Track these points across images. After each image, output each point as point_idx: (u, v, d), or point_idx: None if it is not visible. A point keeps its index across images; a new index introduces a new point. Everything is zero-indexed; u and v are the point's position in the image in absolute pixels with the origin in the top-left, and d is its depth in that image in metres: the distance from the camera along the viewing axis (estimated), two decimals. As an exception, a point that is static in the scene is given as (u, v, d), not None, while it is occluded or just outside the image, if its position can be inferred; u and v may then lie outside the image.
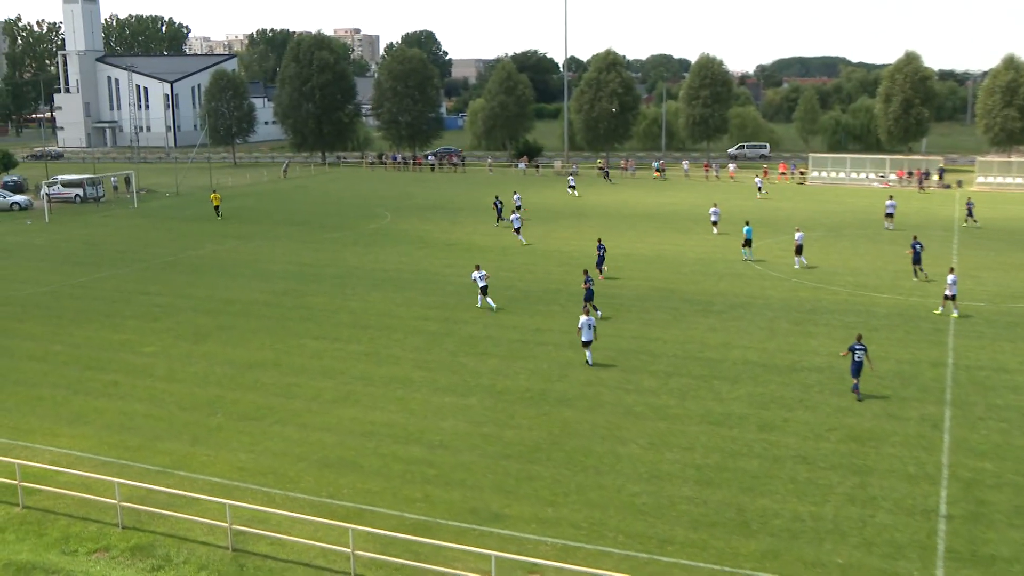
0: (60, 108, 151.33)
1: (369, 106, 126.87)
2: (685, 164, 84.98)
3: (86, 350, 27.84)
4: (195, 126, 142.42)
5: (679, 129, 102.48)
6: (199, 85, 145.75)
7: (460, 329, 29.72)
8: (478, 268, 33.19)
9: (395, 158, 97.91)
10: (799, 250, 38.84)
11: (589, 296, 30.32)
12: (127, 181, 76.02)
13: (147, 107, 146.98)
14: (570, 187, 68.94)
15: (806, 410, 22.33)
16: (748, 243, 40.30)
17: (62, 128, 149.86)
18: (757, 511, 17.27)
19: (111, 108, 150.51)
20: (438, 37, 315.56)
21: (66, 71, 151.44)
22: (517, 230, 46.37)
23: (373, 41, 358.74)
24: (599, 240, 39.35)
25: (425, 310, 32.43)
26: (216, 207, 60.18)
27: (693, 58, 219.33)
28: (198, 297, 34.96)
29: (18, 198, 65.95)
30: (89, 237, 51.07)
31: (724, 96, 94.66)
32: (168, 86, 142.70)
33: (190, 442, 20.72)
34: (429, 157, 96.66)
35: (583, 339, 25.54)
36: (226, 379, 25.01)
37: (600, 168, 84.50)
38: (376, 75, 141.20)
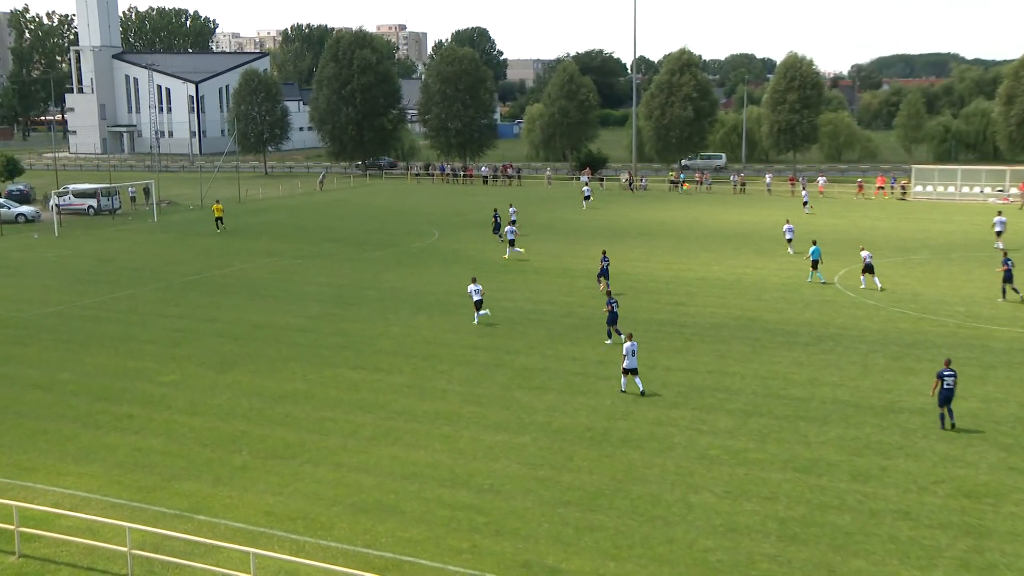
0: (72, 110, 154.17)
1: (415, 111, 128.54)
2: (768, 177, 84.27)
3: (97, 379, 28.45)
4: (222, 132, 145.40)
5: (761, 138, 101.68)
6: (227, 86, 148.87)
7: (513, 360, 29.85)
8: (474, 281, 35.49)
9: (443, 169, 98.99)
10: (869, 269, 39.93)
11: (612, 319, 31.28)
12: (146, 192, 77.89)
13: (169, 110, 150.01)
14: (585, 198, 72.06)
15: (907, 458, 21.86)
16: (815, 264, 41.47)
17: (74, 132, 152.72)
18: (850, 573, 16.93)
19: (129, 111, 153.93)
20: (492, 35, 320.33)
21: (79, 69, 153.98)
22: (511, 242, 48.68)
23: (420, 39, 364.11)
24: (603, 252, 41.49)
25: (475, 338, 32.64)
26: (218, 218, 61.26)
27: (779, 58, 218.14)
28: (224, 321, 35.66)
29: (25, 209, 67.80)
30: (103, 253, 52.49)
31: (814, 100, 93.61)
32: (193, 87, 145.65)
33: (211, 483, 20.96)
34: (483, 169, 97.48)
35: (625, 366, 26.17)
36: (253, 412, 25.45)
37: (626, 180, 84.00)
38: (423, 77, 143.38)
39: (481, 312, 34.57)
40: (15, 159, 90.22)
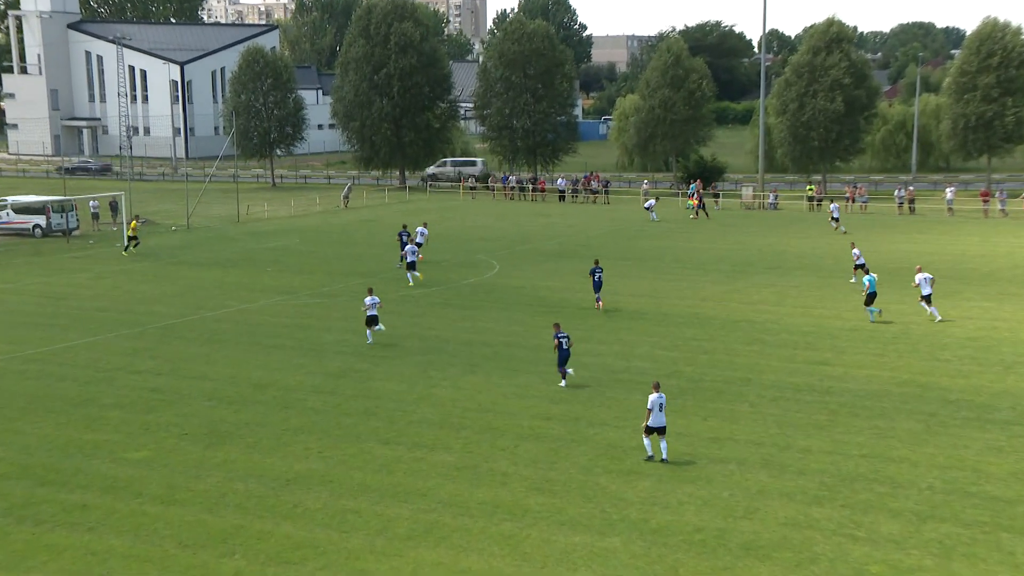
0: (12, 96, 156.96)
1: (470, 104, 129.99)
2: (949, 192, 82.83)
3: (40, 456, 28.69)
4: (216, 129, 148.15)
5: (940, 138, 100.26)
6: (222, 69, 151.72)
7: (598, 434, 29.71)
8: (371, 292, 40.95)
9: (506, 181, 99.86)
10: (926, 299, 43.26)
11: (563, 359, 34.52)
12: (113, 207, 79.36)
13: (145, 99, 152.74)
14: (647, 208, 78.39)
15: None
16: (871, 298, 43.83)
17: (14, 126, 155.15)
18: None
19: (91, 99, 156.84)
20: (573, 4, 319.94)
21: (21, 41, 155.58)
22: (411, 265, 52.76)
23: (477, 9, 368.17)
24: (596, 262, 46.89)
25: (547, 404, 32.58)
26: (131, 238, 63.06)
27: (969, 27, 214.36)
28: (215, 378, 36.06)
29: None
30: (53, 288, 53.55)
31: (1021, 84, 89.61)
32: (176, 69, 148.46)
33: (197, 592, 21.13)
34: (559, 181, 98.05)
35: (650, 423, 27.60)
36: (251, 501, 25.59)
37: (694, 196, 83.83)
38: (481, 59, 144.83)
39: (376, 327, 40.03)
40: None
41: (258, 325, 44.23)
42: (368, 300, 40.62)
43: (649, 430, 27.66)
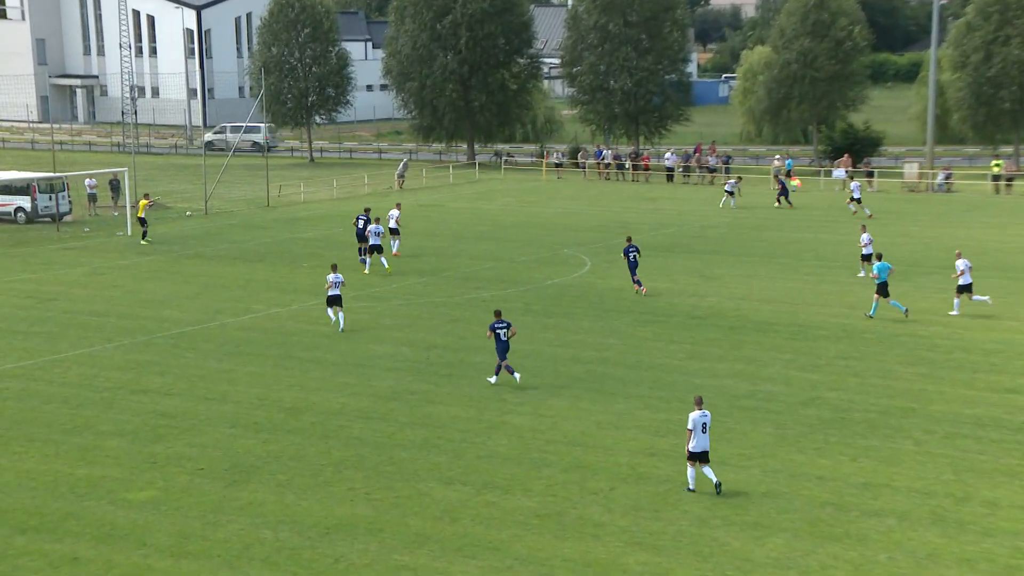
0: None
1: (555, 60, 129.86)
2: None
3: (22, 496, 28.85)
4: (240, 90, 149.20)
5: None
6: (248, 16, 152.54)
7: (715, 475, 29.51)
8: (334, 269, 45.21)
9: (599, 155, 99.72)
10: (965, 289, 46.64)
11: (502, 351, 37.27)
12: (114, 187, 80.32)
13: (154, 53, 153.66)
14: (728, 192, 79.80)
15: None
16: (883, 289, 46.42)
17: None
18: None
19: (86, 52, 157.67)
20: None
21: None
22: (372, 248, 56.32)
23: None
24: (628, 239, 51.26)
25: (651, 437, 32.45)
26: (141, 220, 64.59)
27: None
28: (238, 400, 36.31)
29: None
30: (41, 287, 54.11)
31: None
32: (193, 15, 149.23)
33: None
34: (668, 157, 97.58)
35: (690, 448, 28.54)
36: (282, 554, 25.70)
37: (779, 180, 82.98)
38: (570, 3, 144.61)
39: (339, 317, 44.43)
40: None
41: (292, 334, 44.50)
42: (330, 277, 44.64)
43: (691, 455, 28.44)
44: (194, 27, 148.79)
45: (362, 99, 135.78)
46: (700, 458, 28.50)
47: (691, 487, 28.53)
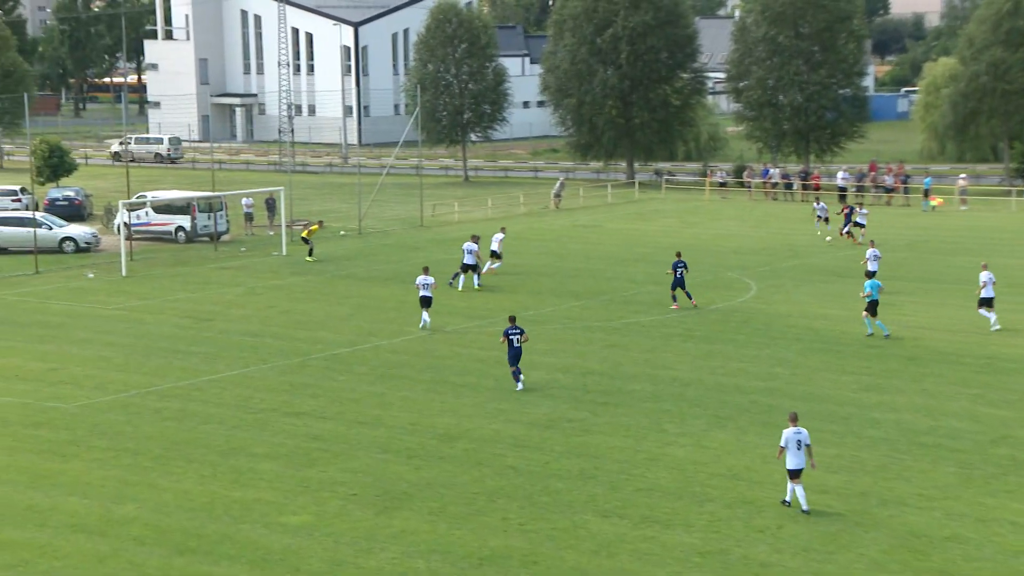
0: (155, 67, 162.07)
1: (720, 74, 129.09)
2: None
3: (180, 517, 29.36)
4: (396, 107, 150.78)
5: None
6: (405, 32, 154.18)
7: (893, 517, 28.97)
8: (426, 272, 48.96)
9: (766, 174, 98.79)
10: (986, 303, 47.93)
11: (514, 357, 40.10)
12: (269, 206, 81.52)
13: (311, 70, 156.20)
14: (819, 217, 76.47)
15: None
16: (873, 308, 47.51)
17: (156, 104, 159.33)
18: None
19: (245, 71, 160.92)
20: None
21: (166, 0, 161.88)
22: (469, 269, 57.61)
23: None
24: (678, 255, 53.22)
25: (821, 473, 31.72)
26: (305, 240, 66.49)
27: None
28: (390, 425, 36.56)
29: (75, 231, 72.80)
30: (198, 307, 55.28)
31: None
32: (350, 32, 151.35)
33: None
34: (840, 176, 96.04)
35: (789, 466, 29.32)
36: (434, 584, 25.82)
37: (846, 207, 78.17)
38: (737, 14, 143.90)
39: (424, 317, 48.32)
40: (63, 148, 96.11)
41: (445, 358, 44.71)
42: (420, 279, 48.57)
43: (790, 473, 29.32)
44: (351, 44, 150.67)
45: (518, 116, 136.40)
46: (792, 475, 29.21)
47: (786, 500, 29.52)
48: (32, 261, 64.68)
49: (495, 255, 61.50)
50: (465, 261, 57.59)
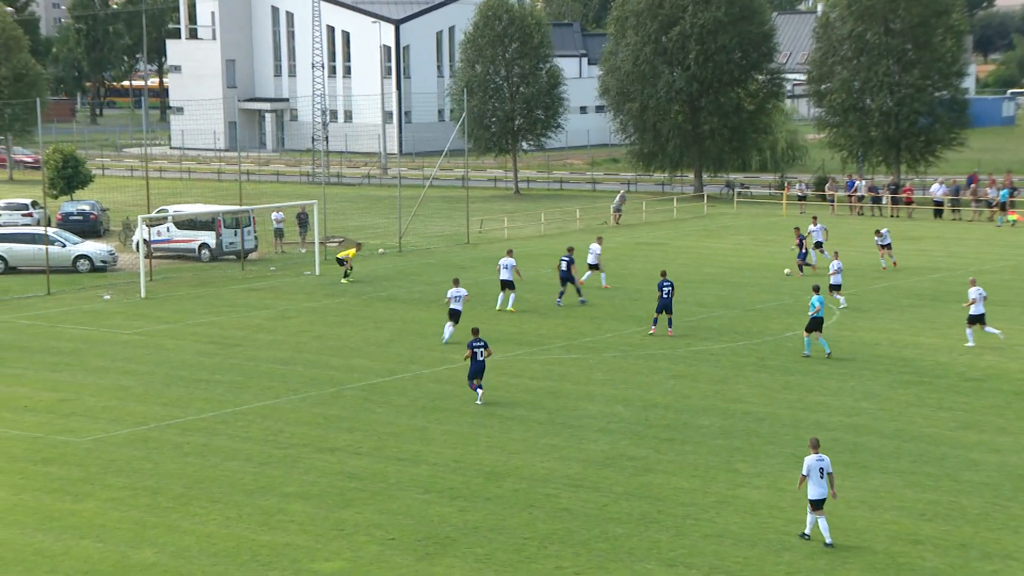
0: (178, 69, 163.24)
1: (800, 76, 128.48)
2: None
3: (202, 562, 29.42)
4: (440, 113, 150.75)
5: None
6: (451, 30, 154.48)
7: (998, 572, 28.70)
8: (456, 284, 51.37)
9: (851, 186, 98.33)
10: (976, 320, 49.49)
11: (474, 370, 42.85)
12: (301, 221, 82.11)
13: (347, 72, 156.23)
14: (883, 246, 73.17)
15: None
16: (816, 324, 48.88)
17: (179, 110, 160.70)
18: None
19: (276, 74, 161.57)
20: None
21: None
22: (506, 287, 58.76)
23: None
24: (663, 274, 54.19)
25: (914, 520, 31.72)
26: (340, 260, 67.14)
27: None
28: (432, 461, 36.60)
29: (90, 248, 73.26)
30: (222, 332, 55.57)
31: None
32: (391, 30, 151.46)
33: None
34: (936, 188, 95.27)
35: (811, 496, 29.93)
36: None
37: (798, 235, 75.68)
38: (820, 8, 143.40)
39: (446, 328, 51.08)
40: (78, 158, 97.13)
41: (493, 389, 44.51)
42: (452, 292, 51.06)
43: (812, 504, 29.95)
44: (392, 43, 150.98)
45: (575, 122, 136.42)
46: (815, 505, 29.89)
47: (805, 533, 30.21)
48: (44, 281, 65.25)
49: (594, 267, 63.54)
50: (502, 278, 58.32)
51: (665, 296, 52.15)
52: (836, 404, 42.32)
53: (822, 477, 29.74)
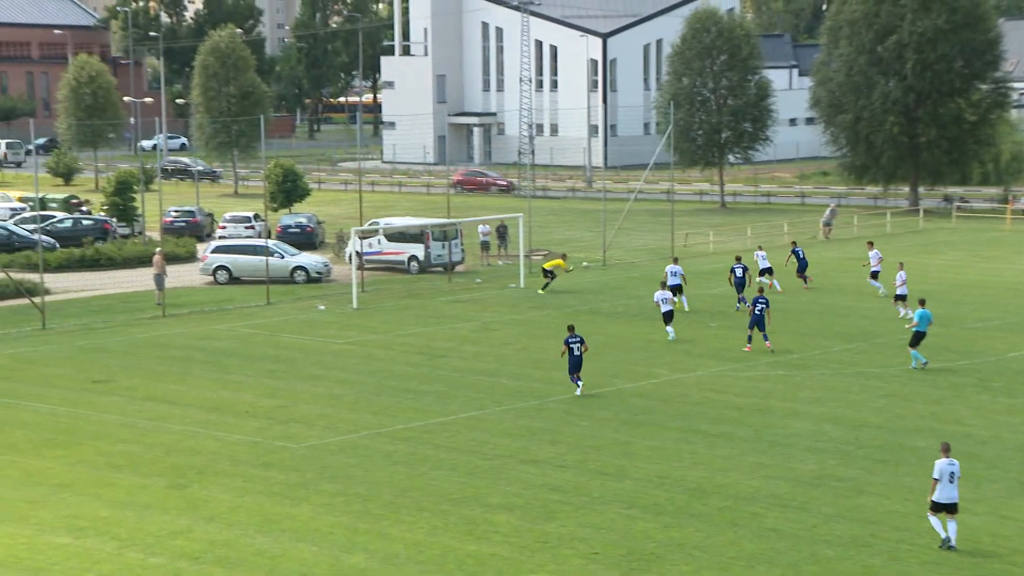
0: (391, 85, 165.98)
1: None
2: None
3: (410, 570, 29.62)
4: (646, 127, 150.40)
5: None
6: (658, 43, 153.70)
7: None
8: (663, 286, 55.68)
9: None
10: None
11: (574, 365, 45.66)
12: (500, 234, 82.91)
13: (554, 86, 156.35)
14: None
15: None
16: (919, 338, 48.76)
17: (391, 125, 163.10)
18: None
19: (484, 88, 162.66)
20: None
21: (405, 11, 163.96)
22: (677, 292, 60.09)
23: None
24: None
25: None
26: (547, 273, 67.56)
27: None
28: (636, 476, 36.60)
29: (306, 260, 74.79)
30: (431, 342, 56.21)
31: None
32: (598, 44, 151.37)
33: None
34: None
35: (936, 497, 30.19)
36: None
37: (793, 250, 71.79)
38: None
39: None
40: (296, 172, 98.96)
41: (697, 404, 44.63)
42: (659, 295, 54.95)
43: (936, 506, 29.96)
44: (599, 57, 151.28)
45: (784, 135, 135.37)
46: (948, 510, 29.93)
47: (944, 537, 30.10)
48: (264, 291, 66.78)
49: (767, 272, 65.14)
50: (671, 283, 59.09)
51: (757, 312, 51.97)
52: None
53: (952, 481, 29.83)
